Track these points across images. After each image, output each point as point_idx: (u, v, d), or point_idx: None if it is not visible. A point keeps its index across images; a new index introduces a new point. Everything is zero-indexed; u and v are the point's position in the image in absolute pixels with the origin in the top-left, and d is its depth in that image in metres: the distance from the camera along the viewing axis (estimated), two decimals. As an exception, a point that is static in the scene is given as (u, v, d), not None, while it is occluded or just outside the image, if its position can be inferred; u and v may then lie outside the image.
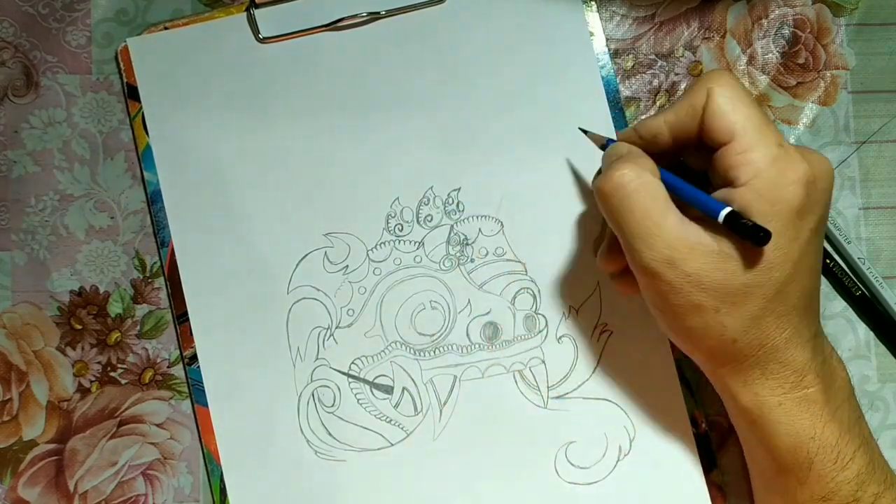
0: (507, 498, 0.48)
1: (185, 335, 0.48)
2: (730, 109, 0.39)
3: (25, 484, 0.48)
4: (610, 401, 0.48)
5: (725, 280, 0.38)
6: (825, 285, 0.50)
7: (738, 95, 0.39)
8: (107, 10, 0.50)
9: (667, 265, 0.39)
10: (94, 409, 0.48)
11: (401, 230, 0.49)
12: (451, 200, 0.49)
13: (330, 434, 0.48)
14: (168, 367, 0.49)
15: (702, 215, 0.39)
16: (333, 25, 0.49)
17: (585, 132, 0.47)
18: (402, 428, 0.48)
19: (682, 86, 0.51)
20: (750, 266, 0.38)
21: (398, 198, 0.49)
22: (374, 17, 0.49)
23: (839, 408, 0.41)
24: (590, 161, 0.49)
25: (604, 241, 0.45)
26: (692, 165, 0.43)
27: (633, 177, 0.39)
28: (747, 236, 0.37)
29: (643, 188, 0.39)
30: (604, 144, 0.45)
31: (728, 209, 0.38)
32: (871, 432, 0.43)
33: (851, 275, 0.50)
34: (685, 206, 0.40)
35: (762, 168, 0.38)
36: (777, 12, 0.51)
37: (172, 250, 0.48)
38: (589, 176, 0.49)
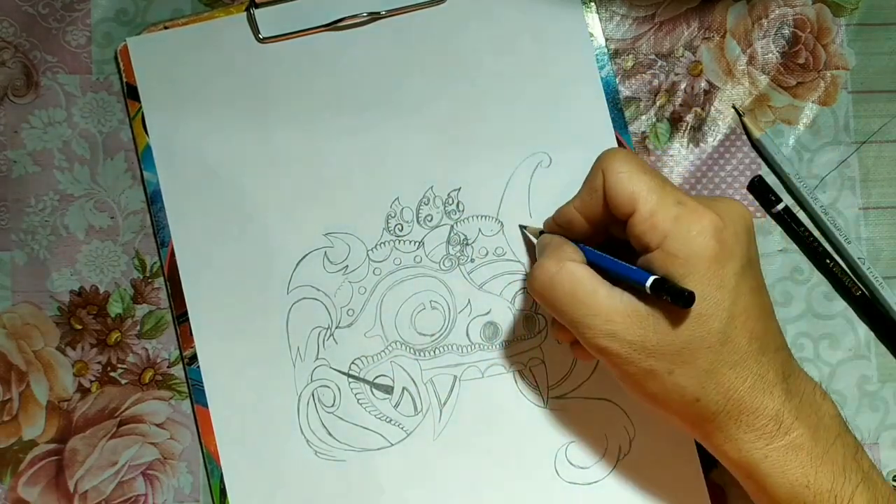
0: (507, 498, 0.48)
1: (185, 335, 0.48)
2: (625, 182, 0.41)
3: (25, 484, 0.48)
4: (610, 401, 0.48)
5: (667, 341, 0.39)
6: (825, 285, 0.50)
7: (630, 168, 0.41)
8: (107, 10, 0.50)
9: (610, 339, 0.40)
10: (94, 409, 0.48)
11: (401, 230, 0.49)
12: (451, 200, 0.49)
13: (330, 434, 0.48)
14: (168, 367, 0.49)
15: (631, 285, 0.40)
16: (333, 25, 0.49)
17: (523, 228, 0.48)
18: (402, 428, 0.48)
19: (682, 86, 0.51)
20: (684, 322, 0.39)
21: (398, 198, 0.49)
22: (374, 17, 0.49)
23: (831, 447, 0.40)
24: (589, 161, 0.49)
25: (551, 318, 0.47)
26: (620, 237, 0.43)
27: (554, 269, 0.41)
28: (674, 301, 0.38)
29: (566, 275, 0.41)
30: (538, 235, 0.47)
31: (652, 279, 0.39)
32: (871, 464, 0.42)
33: (851, 275, 0.50)
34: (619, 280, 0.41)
35: (667, 229, 0.39)
36: (777, 12, 0.51)
37: (172, 250, 0.48)
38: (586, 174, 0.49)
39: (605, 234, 0.44)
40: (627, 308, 0.40)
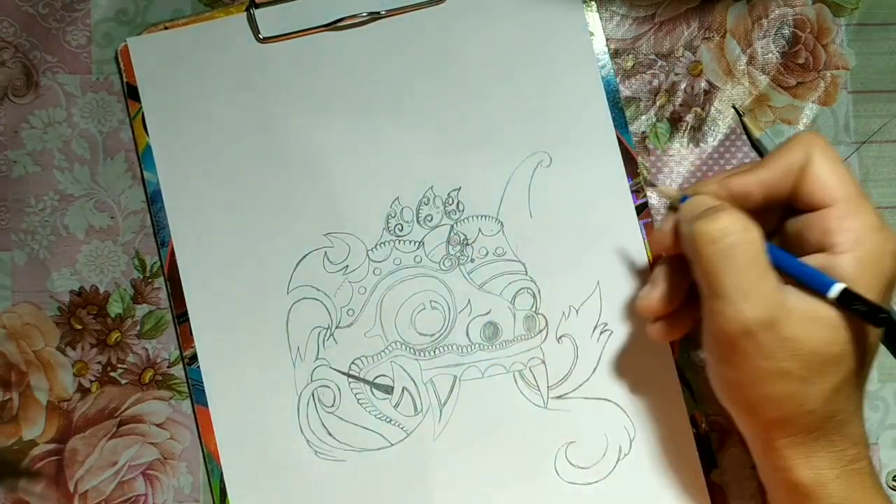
0: (507, 498, 0.48)
1: (185, 335, 0.48)
2: (832, 172, 0.38)
3: (25, 484, 0.48)
4: (610, 401, 0.48)
5: (821, 348, 0.37)
6: (825, 285, 0.50)
7: (838, 160, 0.38)
8: (107, 10, 0.50)
9: (764, 326, 0.37)
10: (94, 409, 0.48)
11: (401, 230, 0.49)
12: (451, 200, 0.49)
13: (330, 434, 0.48)
14: (168, 367, 0.49)
15: (796, 283, 0.38)
16: (333, 25, 0.49)
17: (653, 185, 0.46)
18: (402, 428, 0.48)
19: (682, 86, 0.51)
20: (847, 335, 0.37)
21: (398, 198, 0.49)
22: (374, 17, 0.49)
23: (878, 482, 0.40)
24: (589, 160, 0.49)
25: (662, 283, 0.43)
26: (766, 225, 0.40)
27: (741, 228, 0.37)
28: (864, 316, 0.36)
29: (751, 242, 0.37)
30: (678, 200, 0.42)
31: (841, 286, 0.36)
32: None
33: (852, 275, 0.50)
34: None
35: (864, 236, 0.37)
36: (777, 12, 0.51)
37: (172, 250, 0.48)
38: (586, 177, 0.49)
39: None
40: (793, 302, 0.37)
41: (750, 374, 0.38)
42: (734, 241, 0.37)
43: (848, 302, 0.36)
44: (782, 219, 0.41)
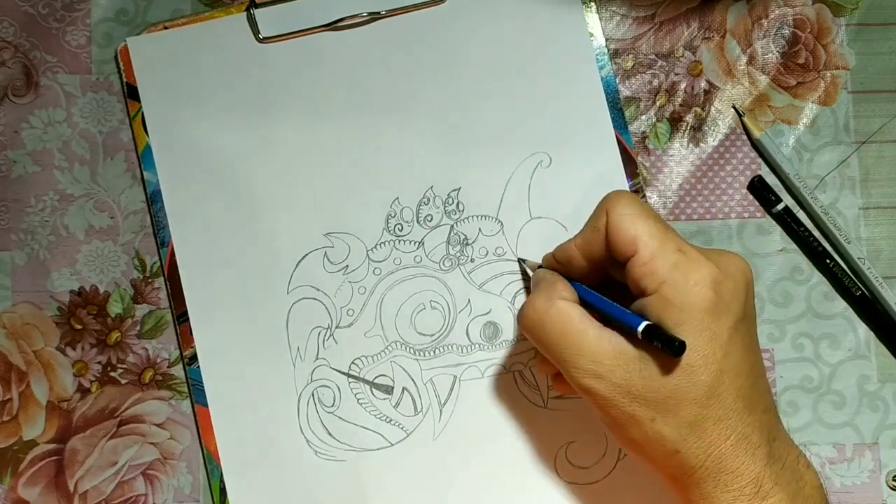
0: (507, 498, 0.48)
1: (185, 335, 0.48)
2: (628, 224, 0.40)
3: (25, 484, 0.48)
4: (610, 401, 0.48)
5: (652, 387, 0.39)
6: (825, 285, 0.50)
7: (634, 211, 0.41)
8: (107, 10, 0.50)
9: (595, 379, 0.39)
10: (94, 409, 0.48)
11: (401, 230, 0.49)
12: (451, 200, 0.49)
13: (330, 434, 0.48)
14: (168, 367, 0.49)
15: (623, 327, 0.40)
16: (333, 25, 0.49)
17: (522, 261, 0.48)
18: (402, 428, 0.48)
19: (682, 86, 0.51)
20: (672, 371, 0.39)
21: (398, 198, 0.49)
22: (374, 17, 0.49)
23: None
24: (589, 161, 0.49)
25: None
26: (618, 279, 0.43)
27: (545, 306, 0.41)
28: (665, 348, 0.38)
29: (557, 313, 0.41)
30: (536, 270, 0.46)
31: (644, 324, 0.39)
32: None
33: (851, 275, 0.50)
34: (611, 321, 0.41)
35: (665, 275, 0.39)
36: (777, 12, 0.51)
37: (172, 250, 0.48)
38: (586, 177, 0.49)
39: (603, 275, 0.44)
40: (615, 350, 0.39)
41: (611, 422, 0.40)
42: (542, 320, 0.41)
43: (651, 338, 0.38)
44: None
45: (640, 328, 0.39)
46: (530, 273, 0.47)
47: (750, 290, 0.41)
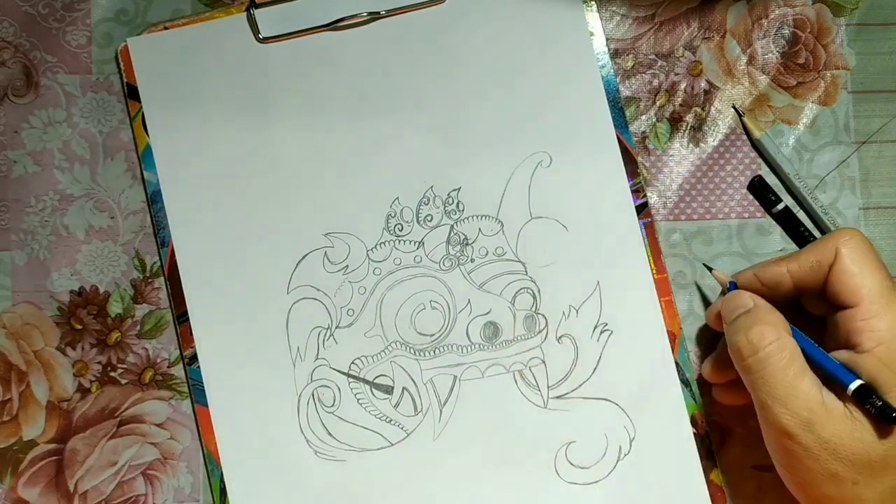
0: (507, 498, 0.48)
1: (185, 335, 0.48)
2: (857, 273, 0.39)
3: (25, 484, 0.48)
4: (610, 401, 0.48)
5: (862, 450, 0.38)
6: (825, 285, 0.50)
7: (867, 259, 0.39)
8: (107, 10, 0.50)
9: (804, 427, 0.38)
10: (94, 409, 0.48)
11: (401, 230, 0.49)
12: (451, 200, 0.49)
13: (330, 434, 0.48)
14: (168, 367, 0.49)
15: (825, 379, 0.39)
16: (333, 25, 0.49)
17: (710, 269, 0.47)
18: (402, 428, 0.48)
19: (682, 86, 0.51)
20: (886, 436, 0.37)
21: (398, 198, 0.49)
22: (374, 17, 0.49)
23: None
24: (589, 160, 0.49)
25: (716, 353, 0.45)
26: (811, 310, 0.42)
27: (772, 338, 0.39)
28: (877, 415, 0.37)
29: (782, 350, 0.39)
30: (727, 285, 0.45)
31: (858, 382, 0.37)
32: None
33: (851, 275, 0.50)
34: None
35: (886, 337, 0.38)
36: (777, 12, 0.51)
37: (172, 250, 0.48)
38: (586, 177, 0.49)
39: (794, 299, 0.43)
40: (830, 404, 0.38)
41: (803, 475, 0.39)
42: (767, 353, 0.39)
43: (864, 399, 0.37)
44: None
45: (853, 386, 0.37)
46: (721, 283, 0.46)
47: None
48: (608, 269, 0.49)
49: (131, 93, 0.49)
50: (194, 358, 0.48)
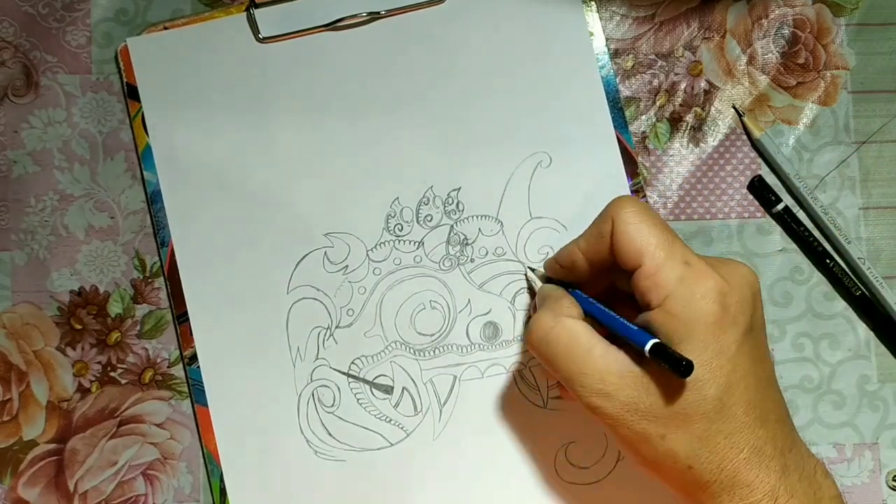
0: (506, 498, 0.48)
1: (185, 335, 0.48)
2: (634, 234, 0.40)
3: (25, 484, 0.48)
4: (610, 401, 0.48)
5: (660, 404, 0.38)
6: (825, 285, 0.50)
7: (641, 219, 0.40)
8: (107, 10, 0.50)
9: (602, 398, 0.39)
10: (94, 409, 0.49)
11: (401, 230, 0.49)
12: (451, 200, 0.49)
13: (330, 434, 0.48)
14: (168, 367, 0.49)
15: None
16: (333, 25, 0.49)
17: (531, 270, 0.48)
18: (402, 428, 0.48)
19: (682, 86, 0.51)
20: (680, 387, 0.38)
21: (398, 198, 0.49)
22: (374, 17, 0.49)
23: None
24: (589, 161, 0.49)
25: None
26: (623, 288, 0.43)
27: (550, 324, 0.41)
28: (671, 368, 0.37)
29: (562, 331, 0.40)
30: (536, 284, 0.47)
31: (651, 343, 0.38)
32: None
33: (851, 275, 0.50)
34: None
35: (671, 289, 0.39)
36: (777, 12, 0.51)
37: (172, 250, 0.48)
38: (586, 177, 0.49)
39: (607, 281, 0.44)
40: (622, 368, 0.39)
41: (621, 441, 0.40)
42: (548, 340, 0.41)
43: (658, 356, 0.38)
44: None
45: (648, 347, 0.38)
46: (536, 285, 0.47)
47: (757, 300, 0.40)
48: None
49: (131, 93, 0.49)
50: (194, 358, 0.48)
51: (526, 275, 0.48)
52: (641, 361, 0.39)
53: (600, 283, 0.44)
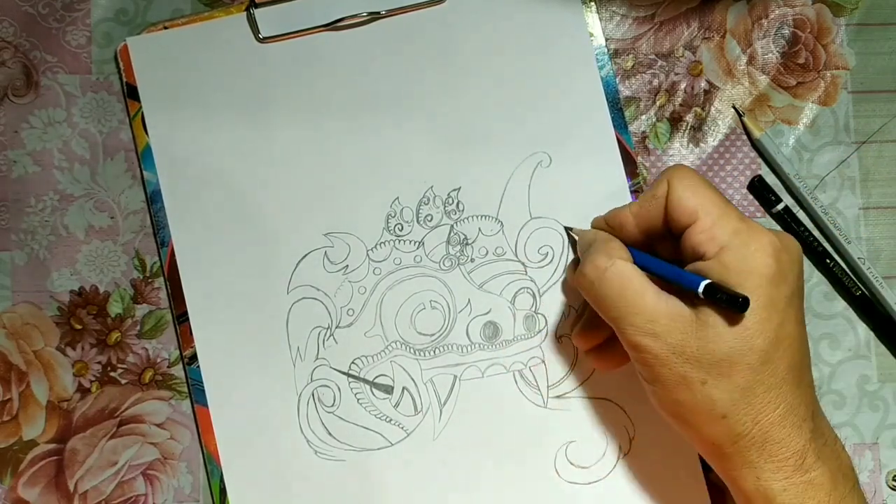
0: (507, 497, 0.48)
1: (185, 335, 0.48)
2: (690, 194, 0.41)
3: (25, 484, 0.48)
4: (610, 400, 0.48)
5: (708, 349, 0.39)
6: (825, 285, 0.50)
7: (696, 182, 0.41)
8: (107, 10, 0.50)
9: (651, 338, 0.40)
10: (94, 409, 0.49)
11: (401, 230, 0.49)
12: (451, 200, 0.49)
13: (330, 434, 0.48)
14: (168, 367, 0.49)
15: (679, 290, 0.40)
16: (333, 25, 0.49)
17: (569, 230, 0.48)
18: (402, 428, 0.48)
19: (682, 85, 0.51)
20: (730, 333, 0.39)
21: (398, 198, 0.49)
22: (374, 17, 0.49)
23: (847, 495, 0.40)
24: (589, 160, 0.49)
25: (582, 319, 0.47)
26: (663, 255, 0.43)
27: (605, 263, 0.41)
28: (727, 305, 0.38)
29: (616, 271, 0.41)
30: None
31: (706, 282, 0.39)
32: None
33: (851, 275, 0.50)
34: (665, 284, 0.41)
35: (726, 241, 0.39)
36: (777, 12, 0.51)
37: (172, 250, 0.48)
38: (586, 177, 0.49)
39: (649, 248, 0.44)
40: (673, 311, 0.40)
41: (658, 382, 0.40)
42: (603, 277, 0.41)
43: (713, 295, 0.38)
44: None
45: (702, 287, 0.38)
46: (578, 236, 0.47)
47: (801, 266, 0.41)
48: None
49: (131, 93, 0.49)
50: (194, 358, 0.48)
51: (566, 230, 0.48)
52: (693, 307, 0.39)
53: (643, 245, 0.44)
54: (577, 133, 0.49)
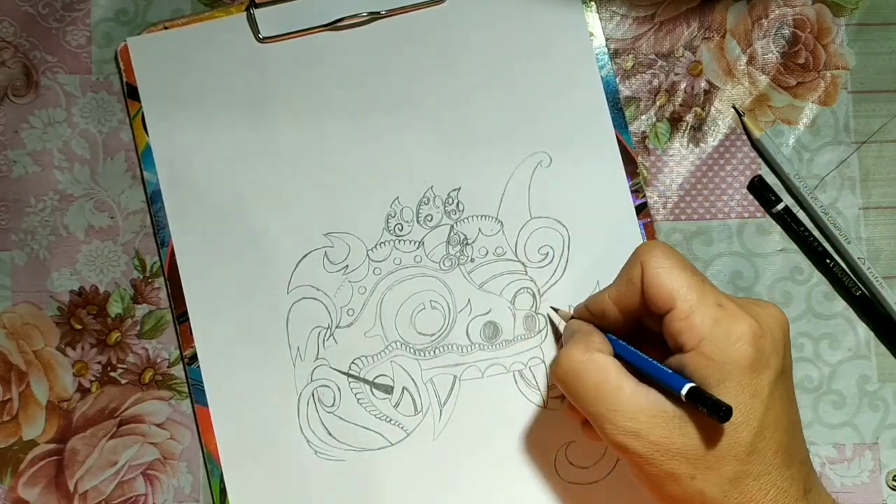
0: (506, 497, 0.48)
1: (185, 335, 0.48)
2: (664, 279, 0.40)
3: (25, 484, 0.48)
4: (610, 401, 0.48)
5: (693, 445, 0.38)
6: (825, 285, 0.50)
7: (671, 263, 0.40)
8: (107, 10, 0.50)
9: (632, 437, 0.39)
10: (94, 409, 0.49)
11: (401, 230, 0.49)
12: (451, 200, 0.49)
13: (330, 434, 0.48)
14: (168, 367, 0.49)
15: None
16: (333, 25, 0.49)
17: (554, 310, 0.48)
18: (402, 428, 0.48)
19: (682, 85, 0.51)
20: (714, 429, 0.38)
21: (398, 198, 0.49)
22: (374, 17, 0.49)
23: None
24: (589, 160, 0.49)
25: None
26: (652, 328, 0.43)
27: (581, 358, 0.40)
28: (709, 412, 0.37)
29: (593, 366, 0.40)
30: (568, 320, 0.46)
31: (689, 386, 0.38)
32: None
33: (851, 275, 0.50)
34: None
35: (705, 332, 0.39)
36: (777, 12, 0.51)
37: (172, 250, 0.48)
38: (586, 177, 0.49)
39: (637, 324, 0.43)
40: (653, 407, 0.39)
41: (647, 479, 0.40)
42: (577, 373, 0.40)
43: (696, 400, 0.37)
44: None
45: (684, 391, 0.38)
46: (558, 324, 0.47)
47: (787, 342, 0.40)
48: (608, 268, 0.48)
49: (131, 93, 0.49)
50: (194, 358, 0.48)
51: (548, 315, 0.48)
52: (674, 403, 0.39)
53: (629, 328, 0.43)
54: (577, 133, 0.49)
